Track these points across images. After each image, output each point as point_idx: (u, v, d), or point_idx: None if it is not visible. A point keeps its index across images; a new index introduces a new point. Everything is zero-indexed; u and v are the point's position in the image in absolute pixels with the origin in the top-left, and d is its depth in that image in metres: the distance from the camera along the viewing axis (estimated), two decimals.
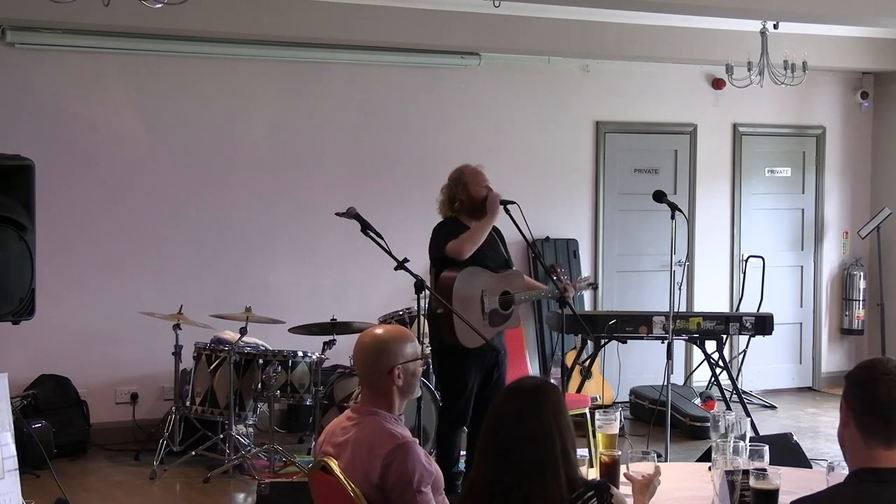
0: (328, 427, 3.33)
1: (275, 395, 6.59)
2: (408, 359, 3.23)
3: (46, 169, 6.14)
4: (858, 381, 2.52)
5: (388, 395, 3.21)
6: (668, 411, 6.00)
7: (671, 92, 8.98)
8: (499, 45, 7.99)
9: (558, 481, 2.59)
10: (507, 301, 5.75)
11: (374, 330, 3.36)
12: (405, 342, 3.26)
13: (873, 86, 9.66)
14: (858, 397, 2.50)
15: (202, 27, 7.12)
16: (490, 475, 2.62)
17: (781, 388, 9.39)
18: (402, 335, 3.29)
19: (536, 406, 2.64)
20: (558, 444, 2.61)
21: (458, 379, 5.63)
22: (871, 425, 2.45)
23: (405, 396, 3.26)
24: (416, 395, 3.39)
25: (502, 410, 2.69)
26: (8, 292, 5.09)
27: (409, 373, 3.24)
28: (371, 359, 3.22)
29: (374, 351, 3.23)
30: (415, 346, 3.29)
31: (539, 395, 2.67)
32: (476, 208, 5.77)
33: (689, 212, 8.89)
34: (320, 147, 7.99)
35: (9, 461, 4.85)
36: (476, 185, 5.78)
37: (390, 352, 3.21)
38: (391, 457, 3.04)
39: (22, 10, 6.70)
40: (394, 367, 3.19)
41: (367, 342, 3.27)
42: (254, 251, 7.81)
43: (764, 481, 3.03)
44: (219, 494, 6.32)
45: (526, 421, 2.62)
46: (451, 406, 5.73)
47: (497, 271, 5.76)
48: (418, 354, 3.29)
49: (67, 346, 7.32)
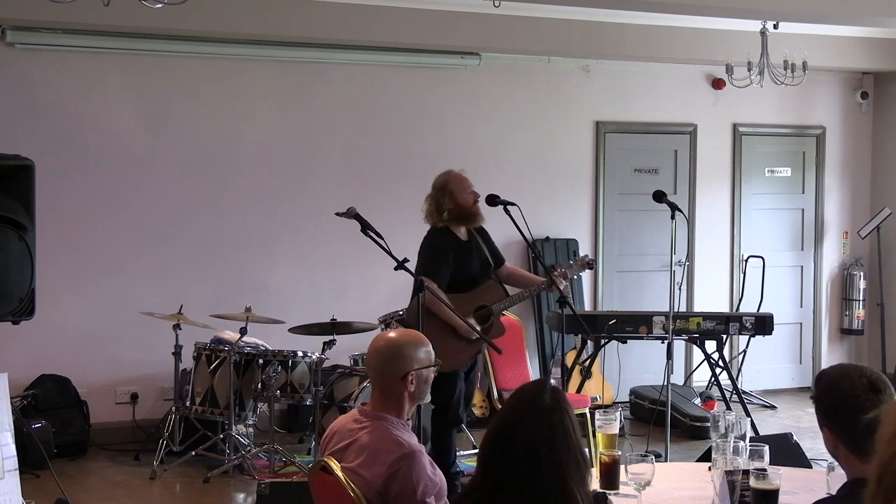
0: (332, 426, 3.32)
1: (275, 395, 6.59)
2: (422, 365, 3.20)
3: (46, 169, 6.14)
4: (837, 410, 2.52)
5: (399, 400, 3.19)
6: (668, 411, 6.00)
7: (671, 92, 8.98)
8: (499, 45, 8.00)
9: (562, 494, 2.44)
10: (484, 315, 5.79)
11: (388, 334, 3.33)
12: (420, 347, 3.23)
13: (873, 86, 9.65)
14: (843, 425, 2.51)
15: (202, 27, 7.12)
16: (489, 482, 2.49)
17: (781, 388, 9.38)
18: (417, 340, 3.26)
19: (550, 422, 2.46)
20: (569, 469, 2.43)
21: (445, 383, 5.61)
22: (864, 445, 2.47)
23: (415, 402, 3.24)
24: (426, 401, 3.37)
25: (514, 420, 2.49)
26: (8, 292, 5.08)
27: (423, 379, 3.21)
28: (385, 363, 3.19)
29: (389, 356, 3.20)
30: (429, 351, 3.25)
31: (554, 411, 2.48)
32: (464, 216, 5.79)
33: (689, 212, 8.89)
34: (320, 147, 7.99)
35: (9, 461, 4.85)
36: (462, 192, 5.79)
37: (405, 357, 3.18)
38: (396, 465, 3.03)
39: (22, 10, 6.70)
40: (408, 372, 3.17)
41: (382, 346, 3.23)
42: (254, 251, 7.81)
43: (764, 481, 3.03)
44: (219, 494, 6.32)
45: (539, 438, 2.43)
46: (444, 411, 5.76)
47: (473, 287, 5.78)
48: (432, 360, 3.25)
49: (67, 346, 7.32)
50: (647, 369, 8.31)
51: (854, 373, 2.56)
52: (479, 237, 5.95)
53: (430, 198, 5.87)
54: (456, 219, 5.80)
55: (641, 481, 3.25)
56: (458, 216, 5.80)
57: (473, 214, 5.82)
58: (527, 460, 2.41)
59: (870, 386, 2.52)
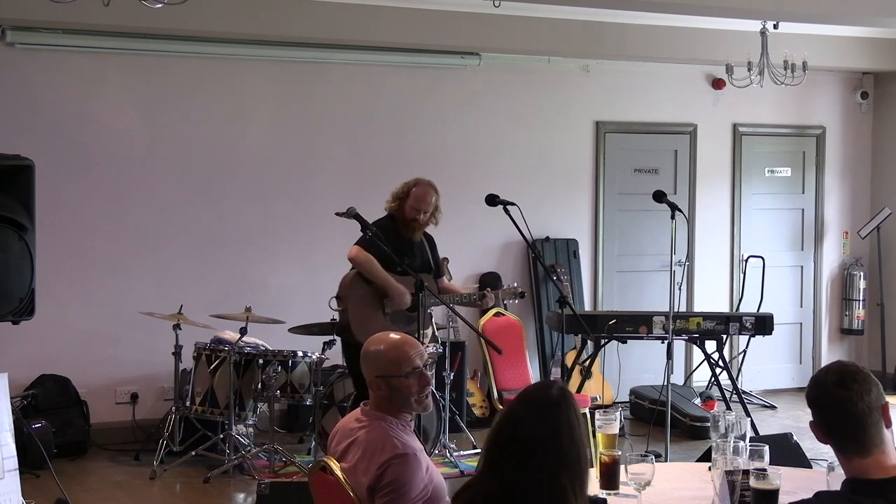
0: (338, 425, 3.33)
1: (275, 395, 6.58)
2: (403, 371, 3.19)
3: (46, 169, 6.13)
4: (813, 405, 2.56)
5: (398, 401, 3.20)
6: (668, 411, 6.00)
7: (671, 92, 8.98)
8: (499, 45, 8.00)
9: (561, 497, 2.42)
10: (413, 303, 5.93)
11: (389, 335, 3.34)
12: (411, 350, 3.23)
13: (873, 86, 9.66)
14: (819, 421, 2.55)
15: (202, 27, 7.12)
16: (489, 470, 2.47)
17: (781, 388, 9.38)
18: (410, 344, 3.27)
19: (556, 419, 2.45)
20: (568, 462, 2.42)
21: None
22: (839, 441, 2.49)
23: (407, 406, 3.22)
24: (427, 411, 3.36)
25: (521, 417, 2.48)
26: (8, 292, 5.08)
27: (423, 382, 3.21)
28: (383, 364, 3.21)
29: (385, 357, 3.22)
30: (413, 357, 3.22)
31: (562, 407, 2.49)
32: (404, 222, 6.13)
33: (689, 212, 8.88)
34: (320, 147, 7.99)
35: (9, 461, 4.85)
36: (412, 206, 6.11)
37: (408, 356, 3.20)
38: (389, 463, 3.03)
39: (22, 10, 6.70)
40: (406, 373, 3.18)
41: (382, 348, 3.26)
42: (254, 251, 7.81)
43: (764, 481, 3.03)
44: (219, 494, 6.32)
45: (541, 433, 2.43)
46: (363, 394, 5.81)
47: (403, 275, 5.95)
48: (412, 367, 3.21)
49: (67, 346, 7.32)
50: (647, 369, 8.30)
51: (832, 368, 2.58)
52: (427, 244, 6.29)
53: (399, 186, 6.23)
54: (401, 220, 6.15)
55: (641, 481, 3.25)
56: (399, 217, 6.15)
57: (406, 226, 6.14)
58: (526, 448, 2.38)
59: (838, 382, 2.51)
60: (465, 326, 6.87)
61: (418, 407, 3.24)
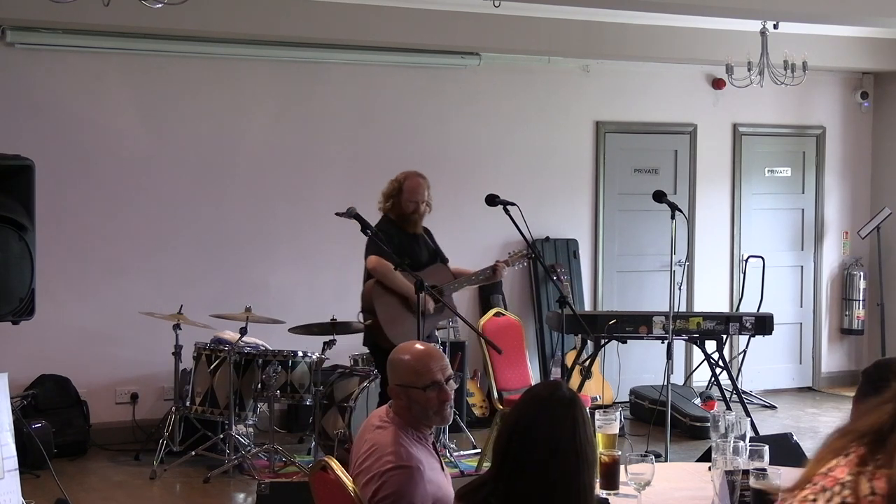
0: (364, 422, 3.34)
1: (275, 395, 6.58)
2: (421, 383, 3.19)
3: (46, 169, 6.14)
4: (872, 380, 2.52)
5: (417, 412, 3.19)
6: (668, 411, 6.00)
7: (671, 92, 8.98)
8: (499, 45, 8.00)
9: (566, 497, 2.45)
10: (434, 294, 5.95)
11: (415, 345, 3.37)
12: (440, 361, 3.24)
13: (873, 86, 9.66)
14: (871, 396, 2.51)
15: (202, 27, 7.12)
16: (505, 473, 2.49)
17: (781, 388, 9.38)
18: (434, 355, 3.27)
19: (573, 419, 2.47)
20: (587, 460, 2.46)
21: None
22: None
23: (427, 418, 3.21)
24: (447, 422, 3.36)
25: (536, 420, 2.49)
26: (8, 292, 5.09)
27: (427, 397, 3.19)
28: (403, 373, 3.22)
29: (406, 366, 3.24)
30: (434, 369, 3.22)
31: (576, 407, 2.51)
32: (404, 218, 6.15)
33: (689, 212, 8.88)
34: (320, 147, 7.99)
35: (9, 461, 4.85)
36: (408, 200, 6.14)
37: (429, 369, 3.20)
38: (388, 475, 3.03)
39: (22, 10, 6.71)
40: (426, 385, 3.18)
41: (407, 357, 3.28)
42: (254, 251, 7.81)
43: (764, 481, 3.03)
44: (219, 494, 6.32)
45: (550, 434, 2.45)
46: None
47: (419, 270, 5.99)
48: (431, 380, 3.20)
49: (67, 346, 7.32)
50: (647, 369, 8.30)
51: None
52: (426, 235, 6.32)
53: (389, 183, 6.25)
54: (398, 217, 6.17)
55: (641, 481, 3.25)
56: (399, 216, 6.17)
57: (408, 221, 6.17)
58: (546, 450, 2.43)
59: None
60: (465, 326, 6.87)
61: (437, 419, 3.23)
